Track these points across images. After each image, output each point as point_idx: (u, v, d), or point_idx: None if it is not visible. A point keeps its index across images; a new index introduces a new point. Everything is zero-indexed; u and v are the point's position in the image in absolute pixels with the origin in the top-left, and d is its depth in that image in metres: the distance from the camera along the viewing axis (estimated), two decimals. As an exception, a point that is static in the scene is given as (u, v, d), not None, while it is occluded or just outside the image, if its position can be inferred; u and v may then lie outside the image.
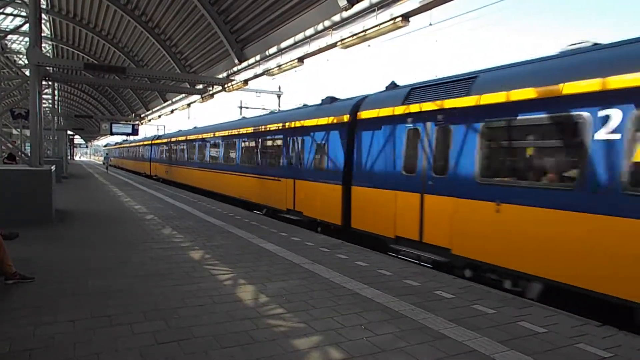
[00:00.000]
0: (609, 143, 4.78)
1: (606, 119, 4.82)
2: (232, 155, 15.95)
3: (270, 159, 12.99)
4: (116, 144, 59.18)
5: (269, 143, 13.19)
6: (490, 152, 6.27)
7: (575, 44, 5.83)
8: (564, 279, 5.09)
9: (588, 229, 4.88)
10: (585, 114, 5.02)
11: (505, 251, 5.84)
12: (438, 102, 7.10)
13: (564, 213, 5.12)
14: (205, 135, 19.41)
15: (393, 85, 9.11)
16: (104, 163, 39.53)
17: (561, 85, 5.27)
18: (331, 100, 10.99)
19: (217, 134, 17.82)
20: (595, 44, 5.58)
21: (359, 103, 9.28)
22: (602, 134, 4.85)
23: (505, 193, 5.86)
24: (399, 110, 7.90)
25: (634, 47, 4.96)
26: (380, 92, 9.11)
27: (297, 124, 11.34)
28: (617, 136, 4.70)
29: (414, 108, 7.57)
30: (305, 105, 12.38)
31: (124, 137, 44.23)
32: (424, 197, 7.22)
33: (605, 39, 5.44)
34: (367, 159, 8.66)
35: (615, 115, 4.73)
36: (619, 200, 4.62)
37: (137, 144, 39.01)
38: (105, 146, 64.94)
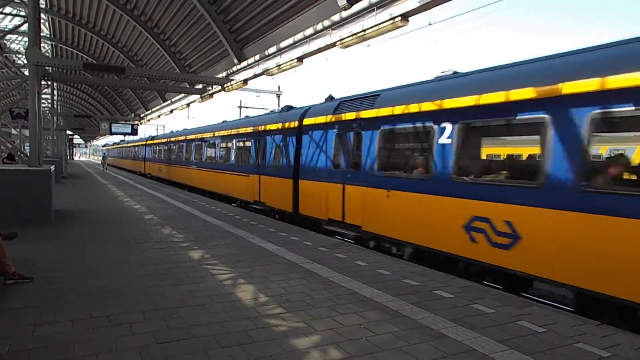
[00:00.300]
0: (445, 145, 6.72)
1: (443, 129, 6.80)
2: (212, 154, 18.10)
3: (242, 158, 14.99)
4: (114, 144, 60.87)
5: (241, 144, 15.19)
6: (384, 152, 8.22)
7: (443, 72, 7.74)
8: (424, 243, 7.12)
9: (435, 206, 6.90)
10: (434, 125, 6.99)
11: (393, 226, 7.79)
12: (355, 113, 8.96)
13: (424, 196, 7.12)
14: (190, 137, 21.34)
15: (330, 98, 10.98)
16: (102, 163, 41.38)
17: (420, 104, 7.28)
18: (288, 108, 12.96)
19: (199, 136, 19.82)
20: (455, 72, 7.46)
21: (305, 112, 11.14)
22: (442, 139, 6.79)
23: (392, 182, 7.81)
24: (330, 118, 9.77)
25: (464, 79, 6.94)
26: (321, 103, 10.98)
27: (262, 128, 13.25)
28: (449, 141, 6.66)
29: (340, 117, 9.45)
30: (272, 112, 14.13)
31: (121, 138, 46.10)
32: (345, 187, 9.06)
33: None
34: (309, 158, 10.57)
35: (448, 127, 6.72)
36: (450, 185, 6.61)
37: (133, 144, 40.92)
38: (103, 146, 67.04)
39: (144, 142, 34.79)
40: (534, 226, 5.43)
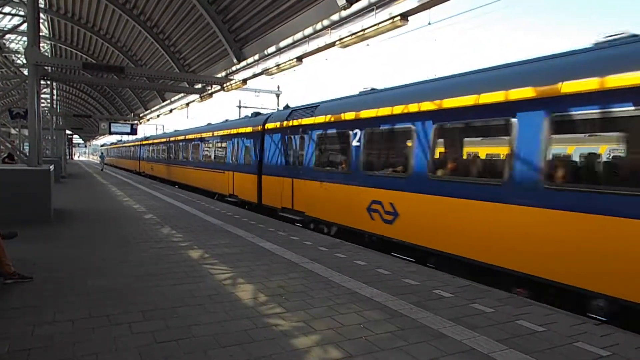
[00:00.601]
0: (357, 147, 8.71)
1: (356, 134, 8.78)
2: (195, 154, 20.31)
3: (219, 157, 17.06)
4: (111, 144, 62.71)
5: (218, 145, 17.38)
6: (318, 152, 10.22)
7: (364, 88, 9.60)
8: (344, 222, 9.07)
9: (350, 194, 8.88)
10: (350, 131, 8.96)
11: (324, 210, 9.74)
12: (300, 120, 10.94)
13: (343, 186, 9.12)
14: (177, 138, 23.83)
15: (286, 107, 13.47)
16: (100, 162, 42.50)
17: (344, 114, 9.24)
18: (256, 114, 15.55)
19: (184, 137, 22.34)
20: (372, 89, 9.37)
21: (267, 118, 13.31)
22: (354, 142, 8.79)
23: (324, 176, 9.76)
24: (283, 124, 11.76)
25: (370, 96, 9.02)
26: (279, 110, 13.73)
27: (234, 131, 15.36)
28: (359, 143, 8.67)
29: (290, 123, 11.40)
30: (246, 116, 16.40)
31: (119, 137, 49.77)
32: (293, 180, 10.97)
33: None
34: (269, 157, 12.47)
35: (359, 133, 8.70)
36: (360, 176, 8.59)
37: (129, 144, 43.23)
38: (101, 146, 69.30)
39: (139, 143, 36.73)
40: (406, 206, 7.49)
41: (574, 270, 5.04)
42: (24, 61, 16.14)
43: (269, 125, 12.69)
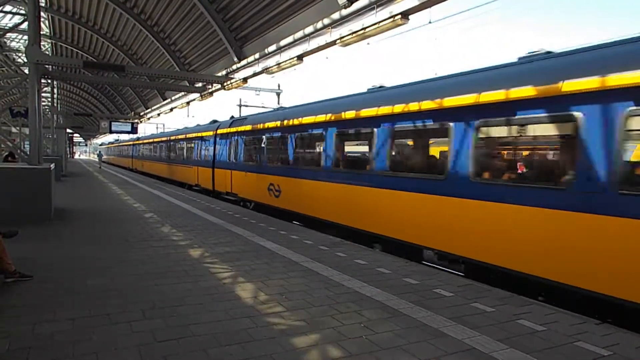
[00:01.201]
0: (263, 148, 12.54)
1: (262, 139, 12.60)
2: (172, 153, 25.26)
3: (188, 155, 21.63)
4: (109, 143, 69.65)
5: (187, 145, 21.93)
6: (245, 150, 14.19)
7: (280, 106, 17.61)
8: (257, 199, 12.89)
9: (260, 180, 12.57)
10: (262, 136, 12.67)
11: (248, 192, 13.68)
12: (237, 128, 15.08)
13: (256, 174, 12.93)
14: (161, 139, 29.07)
15: (231, 117, 18.59)
16: (98, 161, 45.62)
17: (258, 125, 13.13)
18: (214, 121, 19.56)
19: (165, 138, 27.59)
20: (280, 107, 14.44)
21: (219, 125, 17.53)
22: (262, 145, 12.54)
23: (247, 168, 13.67)
24: (227, 130, 16.01)
25: (275, 113, 13.26)
26: (226, 120, 17.67)
27: (198, 134, 20.01)
28: (264, 145, 12.33)
29: (231, 130, 15.59)
30: (213, 121, 20.19)
31: (116, 137, 57.57)
32: (232, 172, 15.08)
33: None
34: (219, 155, 16.71)
35: (264, 137, 12.47)
36: (264, 168, 12.35)
37: (124, 144, 48.63)
38: (100, 145, 75.54)
39: (132, 143, 41.00)
40: (285, 186, 11.35)
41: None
42: (25, 60, 16.12)
43: (219, 131, 16.94)
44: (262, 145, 12.89)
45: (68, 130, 40.94)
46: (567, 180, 5.21)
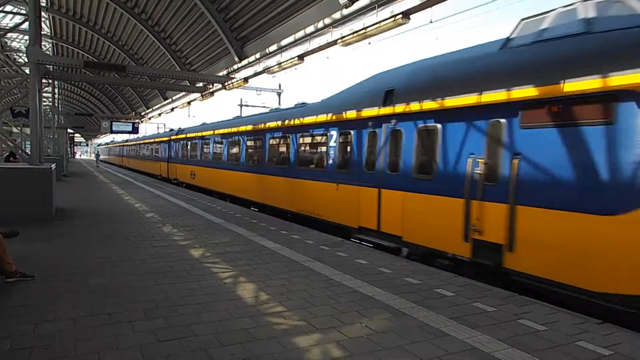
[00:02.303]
0: (189, 148, 21.81)
1: (188, 143, 22.16)
2: (147, 152, 33.69)
3: (157, 154, 29.73)
4: (105, 144, 78.63)
5: (156, 147, 30.22)
6: (181, 150, 23.05)
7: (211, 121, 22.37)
8: (187, 181, 21.67)
9: (187, 169, 21.71)
10: (196, 141, 20.57)
11: (183, 177, 22.28)
12: (179, 135, 23.86)
13: (188, 166, 21.59)
14: (140, 142, 37.34)
15: (179, 128, 26.08)
16: (96, 160, 50.49)
17: (188, 134, 22.11)
18: (171, 130, 28.28)
19: (143, 141, 35.73)
20: (203, 123, 22.76)
21: (174, 132, 25.83)
22: (187, 147, 22.10)
23: (183, 162, 22.50)
24: (176, 137, 24.30)
25: (201, 126, 21.78)
26: (176, 130, 26.11)
27: (161, 139, 28.53)
28: (189, 146, 21.85)
29: (178, 137, 23.93)
30: (170, 130, 29.18)
31: (110, 139, 67.84)
32: (177, 165, 23.65)
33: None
34: (174, 153, 24.72)
35: (188, 142, 22.08)
36: (188, 161, 21.82)
37: (115, 145, 58.46)
38: (98, 145, 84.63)
39: (122, 144, 49.41)
40: (197, 172, 19.76)
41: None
42: (26, 60, 16.14)
43: (173, 138, 25.18)
44: (188, 147, 21.74)
45: (69, 130, 40.98)
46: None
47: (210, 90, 17.64)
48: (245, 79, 15.63)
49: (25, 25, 12.25)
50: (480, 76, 6.13)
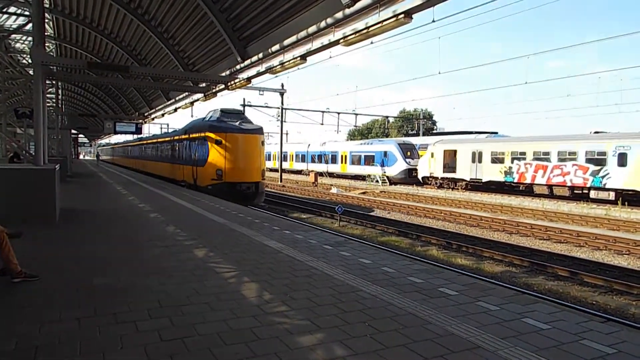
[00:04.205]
0: (118, 151, 57.04)
1: (119, 149, 55.31)
2: (126, 152, 46.42)
3: (132, 154, 41.94)
4: (103, 145, 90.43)
5: (131, 148, 43.46)
6: (123, 152, 50.52)
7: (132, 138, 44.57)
8: (126, 165, 44.51)
9: (126, 161, 46.36)
10: (115, 147, 62.69)
11: (130, 165, 42.33)
12: (114, 145, 63.62)
13: (124, 158, 48.68)
14: (122, 145, 51.06)
15: (124, 142, 51.66)
16: (96, 159, 63.64)
17: (117, 144, 59.67)
18: (119, 141, 56.50)
19: (129, 144, 44.59)
20: (125, 141, 49.19)
21: (132, 140, 43.88)
22: (118, 152, 57.15)
23: (123, 159, 49.24)
24: (116, 144, 61.43)
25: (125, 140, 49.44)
26: (126, 140, 50.77)
27: (131, 143, 43.21)
28: (122, 149, 51.92)
29: (116, 145, 61.46)
30: (138, 138, 39.79)
31: (107, 141, 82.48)
32: (133, 160, 41.71)
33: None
34: (132, 153, 42.63)
35: (119, 149, 55.59)
36: (120, 156, 52.62)
37: (110, 147, 71.64)
38: (98, 146, 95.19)
39: (113, 146, 64.81)
40: (128, 162, 44.24)
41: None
42: (29, 61, 16.20)
43: (132, 143, 42.02)
44: (121, 150, 48.38)
45: (73, 131, 41.18)
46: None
47: (213, 90, 17.67)
48: (248, 79, 15.64)
49: (29, 27, 12.30)
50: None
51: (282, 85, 38.93)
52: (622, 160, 21.60)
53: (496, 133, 37.16)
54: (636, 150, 21.13)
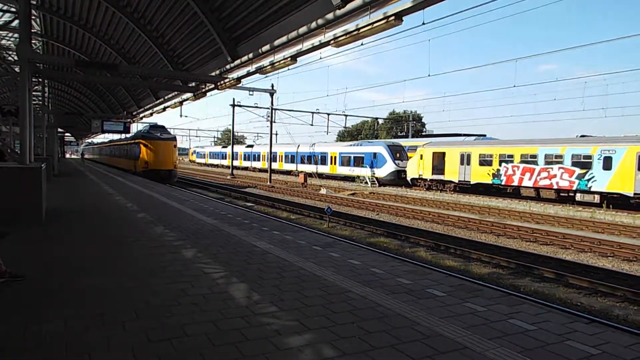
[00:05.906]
0: (101, 150, 65.42)
1: (107, 149, 56.64)
2: (102, 151, 59.62)
3: (105, 153, 56.09)
4: (88, 144, 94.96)
5: (103, 148, 59.99)
6: (100, 151, 62.59)
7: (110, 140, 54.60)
8: (103, 161, 55.21)
9: (107, 159, 55.21)
10: (103, 147, 62.61)
11: (107, 161, 51.41)
12: (101, 144, 66.54)
13: (102, 156, 58.98)
14: (104, 145, 58.12)
15: (110, 140, 56.03)
16: (81, 158, 71.88)
17: (101, 145, 68.43)
18: (111, 140, 54.09)
19: (104, 145, 57.56)
20: (110, 140, 53.46)
21: (109, 141, 54.34)
22: (102, 150, 61.95)
23: (104, 157, 57.46)
24: (101, 144, 65.88)
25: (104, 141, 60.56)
26: (102, 141, 64.45)
27: (106, 144, 56.94)
28: (104, 149, 60.67)
29: (101, 144, 65.44)
30: (110, 141, 52.45)
31: (90, 141, 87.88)
32: (107, 157, 52.70)
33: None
34: (108, 153, 53.19)
35: (106, 149, 57.90)
36: (103, 155, 60.45)
37: (95, 145, 76.10)
38: (83, 146, 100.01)
39: (93, 146, 75.40)
40: (104, 158, 56.58)
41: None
42: (15, 58, 15.96)
43: (107, 144, 53.63)
44: (106, 150, 52.62)
45: (59, 130, 40.66)
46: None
47: (203, 90, 17.58)
48: (238, 79, 15.60)
49: (16, 23, 12.12)
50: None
51: (272, 86, 38.92)
52: (607, 163, 21.96)
53: (484, 136, 37.49)
54: (621, 154, 21.48)
